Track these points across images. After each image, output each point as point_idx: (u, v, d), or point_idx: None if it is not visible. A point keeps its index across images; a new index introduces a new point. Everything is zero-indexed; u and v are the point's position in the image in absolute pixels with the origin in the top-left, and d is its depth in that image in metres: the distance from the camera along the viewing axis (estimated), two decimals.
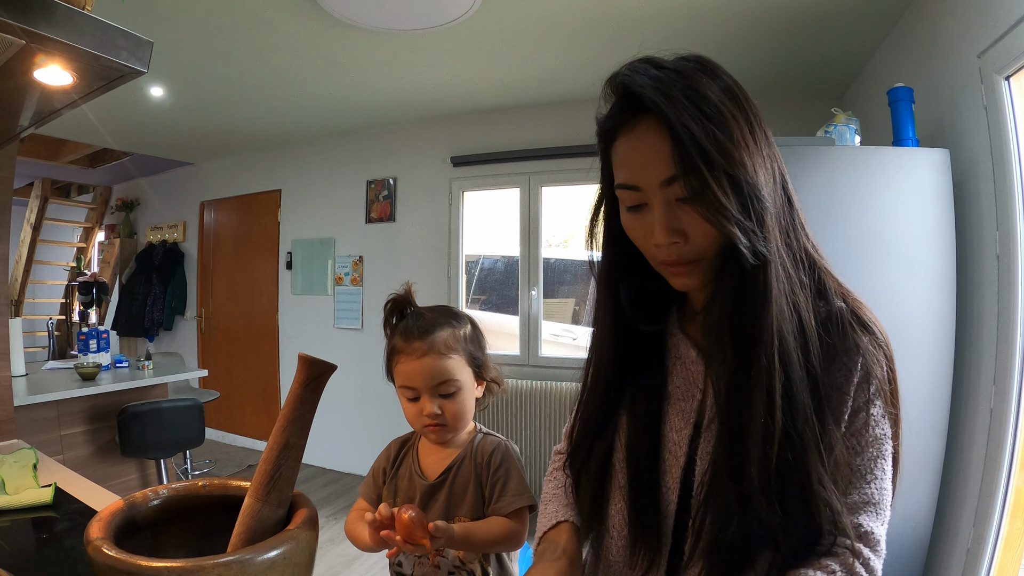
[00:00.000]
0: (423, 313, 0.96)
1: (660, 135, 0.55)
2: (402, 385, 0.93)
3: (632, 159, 0.58)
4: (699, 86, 0.55)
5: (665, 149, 0.54)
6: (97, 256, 5.83)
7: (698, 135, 0.52)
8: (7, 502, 1.08)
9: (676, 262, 0.59)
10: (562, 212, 3.54)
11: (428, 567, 0.93)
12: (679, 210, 0.56)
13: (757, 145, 0.57)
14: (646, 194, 0.57)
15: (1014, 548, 1.39)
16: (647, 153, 0.56)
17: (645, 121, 0.56)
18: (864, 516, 0.57)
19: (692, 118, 0.53)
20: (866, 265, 1.55)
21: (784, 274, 0.57)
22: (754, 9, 2.17)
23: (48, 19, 0.73)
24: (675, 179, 0.54)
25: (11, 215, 1.62)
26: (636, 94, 0.56)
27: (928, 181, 1.57)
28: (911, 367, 1.56)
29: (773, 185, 0.58)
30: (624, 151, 0.59)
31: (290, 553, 0.52)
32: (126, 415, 2.50)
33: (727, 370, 0.58)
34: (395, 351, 0.94)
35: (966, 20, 1.60)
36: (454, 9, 2.20)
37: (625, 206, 0.61)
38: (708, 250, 0.58)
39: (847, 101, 2.80)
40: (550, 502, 0.75)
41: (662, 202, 0.57)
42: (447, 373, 0.91)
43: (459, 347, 0.94)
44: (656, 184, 0.56)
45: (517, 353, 3.43)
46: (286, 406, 0.62)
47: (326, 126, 3.92)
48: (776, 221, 0.58)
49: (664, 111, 0.53)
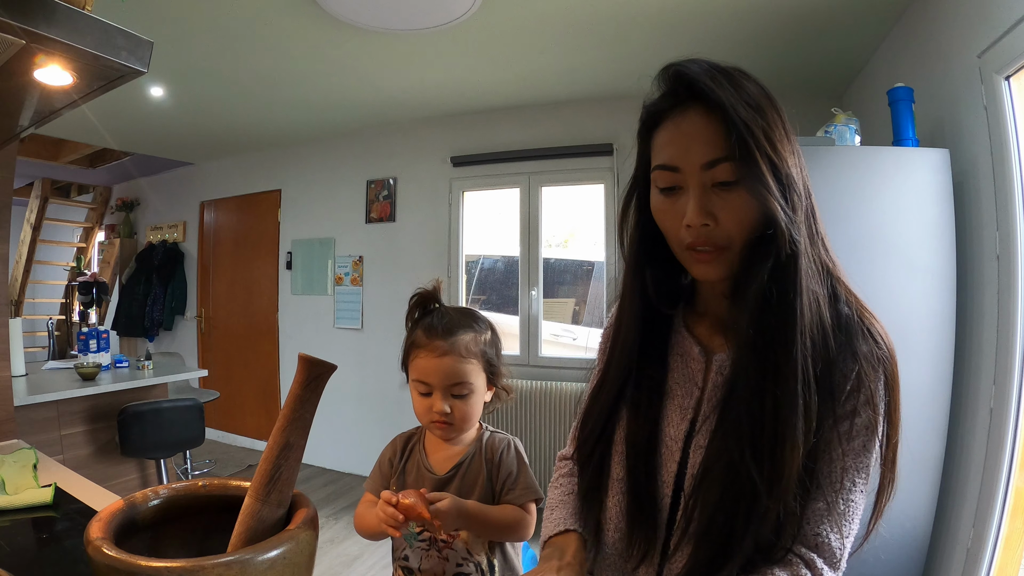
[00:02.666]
0: (448, 312, 0.98)
1: (707, 121, 0.59)
2: (417, 379, 0.94)
3: (676, 141, 0.61)
4: (743, 81, 0.60)
5: (710, 133, 0.58)
6: (97, 256, 5.83)
7: (748, 120, 0.57)
8: (7, 502, 1.08)
9: (704, 244, 0.61)
10: (562, 212, 3.54)
11: (436, 559, 0.93)
12: (714, 195, 0.60)
13: (790, 142, 0.61)
14: (684, 176, 0.60)
15: (1014, 548, 1.39)
16: (692, 135, 0.60)
17: (694, 107, 0.60)
18: (825, 526, 0.57)
19: (742, 105, 0.57)
20: (866, 265, 1.55)
21: (810, 270, 0.59)
22: (754, 9, 2.17)
23: (48, 19, 0.73)
24: (718, 162, 0.58)
25: (11, 215, 1.62)
26: (692, 80, 0.60)
27: (928, 181, 1.57)
28: (911, 367, 1.56)
29: (807, 181, 0.62)
30: (669, 134, 0.62)
31: (290, 553, 0.52)
32: (126, 415, 2.50)
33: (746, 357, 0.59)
34: (415, 345, 0.95)
35: (966, 20, 1.60)
36: (454, 9, 2.20)
37: (659, 187, 0.63)
38: (736, 238, 0.60)
39: (847, 101, 2.80)
40: (556, 508, 0.76)
41: (699, 184, 0.60)
42: (463, 375, 0.93)
43: (478, 351, 0.95)
44: (697, 166, 0.59)
45: (517, 353, 3.43)
46: (286, 406, 0.62)
47: (326, 126, 3.92)
48: (806, 212, 0.61)
49: (718, 95, 0.58)
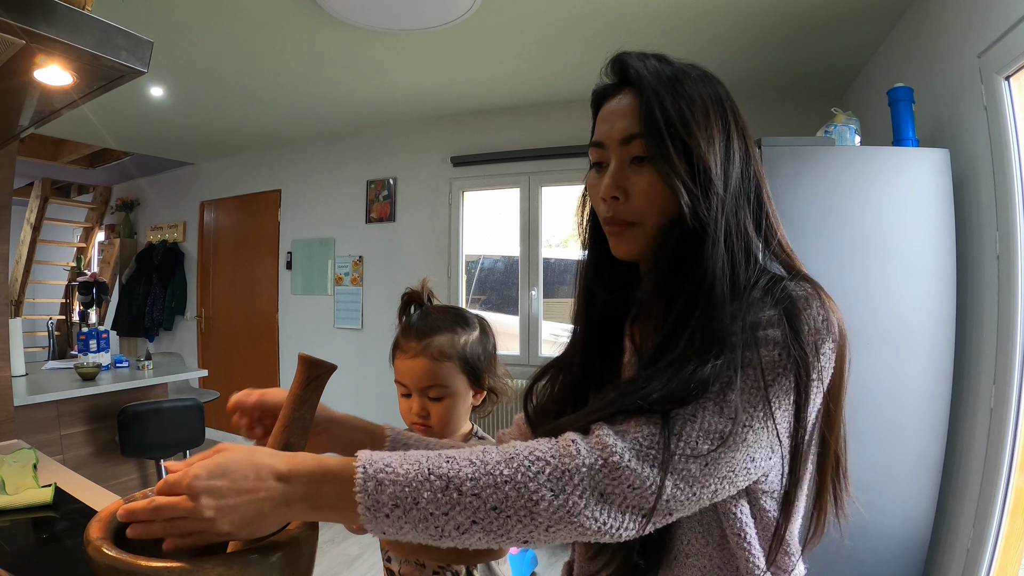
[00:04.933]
0: (430, 313, 0.97)
1: (633, 101, 0.61)
2: (397, 380, 0.95)
3: (605, 119, 0.64)
4: (686, 80, 0.61)
5: (631, 111, 0.61)
6: (97, 256, 5.83)
7: (666, 104, 0.59)
8: (7, 502, 1.08)
9: (613, 220, 0.63)
10: (562, 212, 3.54)
11: (414, 566, 0.93)
12: (631, 171, 0.61)
13: (725, 142, 0.60)
14: (607, 151, 0.63)
15: (1014, 548, 1.39)
16: (617, 113, 0.62)
17: (626, 91, 0.63)
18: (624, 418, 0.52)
19: (666, 93, 0.59)
20: (866, 265, 1.55)
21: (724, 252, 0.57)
22: (754, 9, 2.17)
23: (48, 19, 0.73)
24: (633, 138, 0.60)
25: (11, 215, 1.62)
26: (625, 64, 0.63)
27: (928, 181, 1.57)
28: (911, 367, 1.56)
29: (728, 177, 0.60)
30: (602, 113, 0.65)
31: (290, 553, 0.52)
32: (126, 415, 2.50)
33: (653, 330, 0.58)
34: (395, 345, 0.96)
35: (966, 20, 1.60)
36: (454, 9, 2.20)
37: (591, 164, 0.66)
38: (647, 215, 0.61)
39: (847, 101, 2.80)
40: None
41: (618, 159, 0.62)
42: (435, 378, 0.92)
43: (454, 354, 0.93)
44: (616, 141, 0.62)
45: (517, 353, 3.43)
46: (286, 406, 0.62)
47: (326, 126, 3.92)
48: (723, 204, 0.58)
49: (642, 78, 0.60)
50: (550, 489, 0.47)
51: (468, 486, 0.47)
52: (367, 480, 0.47)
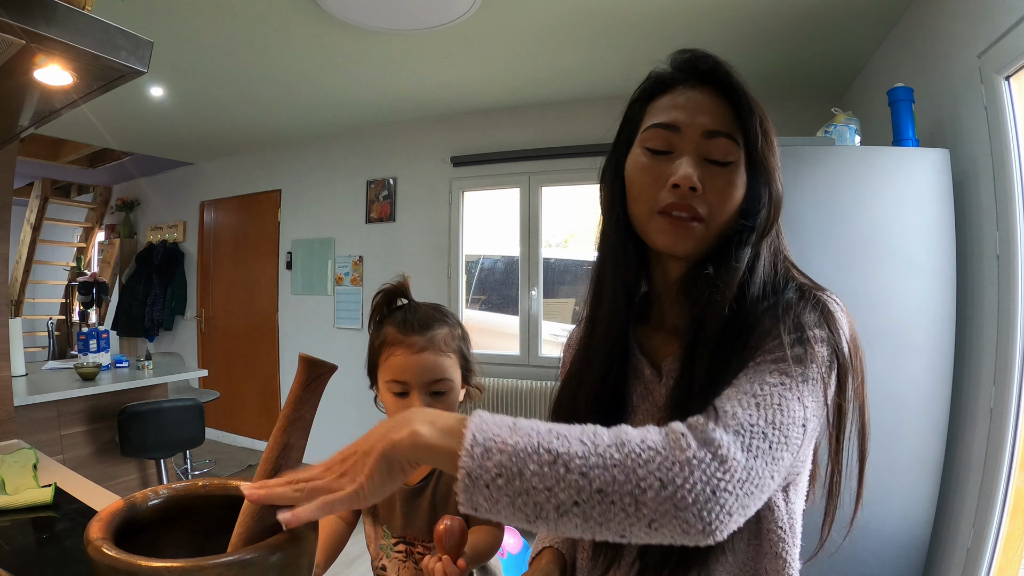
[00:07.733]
0: (419, 307, 0.94)
1: (716, 99, 0.61)
2: (392, 379, 0.89)
3: (682, 105, 0.61)
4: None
5: (718, 108, 0.60)
6: (97, 256, 5.83)
7: (756, 109, 0.60)
8: (7, 502, 1.08)
9: (685, 209, 0.60)
10: (562, 212, 3.54)
11: (413, 570, 0.91)
12: (704, 168, 0.60)
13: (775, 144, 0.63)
14: (682, 138, 0.61)
15: (1014, 548, 1.39)
16: (700, 104, 0.61)
17: (704, 87, 0.62)
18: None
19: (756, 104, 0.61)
20: (866, 265, 1.55)
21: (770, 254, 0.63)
22: (754, 9, 2.17)
23: (48, 19, 0.73)
24: (719, 135, 0.59)
25: (11, 215, 1.62)
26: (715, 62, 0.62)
27: (928, 181, 1.57)
28: (911, 367, 1.56)
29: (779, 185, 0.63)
30: (674, 99, 0.62)
31: (290, 553, 0.52)
32: (126, 415, 2.50)
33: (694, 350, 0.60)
34: (387, 343, 0.90)
35: (966, 20, 1.60)
36: (454, 9, 2.20)
37: (647, 148, 0.63)
38: (716, 214, 0.60)
39: (847, 101, 2.80)
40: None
41: (695, 150, 0.60)
42: (443, 371, 0.89)
43: (455, 346, 0.92)
44: (699, 131, 0.60)
45: (517, 353, 3.43)
46: (286, 406, 0.62)
47: (326, 126, 3.92)
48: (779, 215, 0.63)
49: (736, 79, 0.61)
50: (659, 479, 0.45)
51: (576, 463, 0.45)
52: (475, 446, 0.45)
